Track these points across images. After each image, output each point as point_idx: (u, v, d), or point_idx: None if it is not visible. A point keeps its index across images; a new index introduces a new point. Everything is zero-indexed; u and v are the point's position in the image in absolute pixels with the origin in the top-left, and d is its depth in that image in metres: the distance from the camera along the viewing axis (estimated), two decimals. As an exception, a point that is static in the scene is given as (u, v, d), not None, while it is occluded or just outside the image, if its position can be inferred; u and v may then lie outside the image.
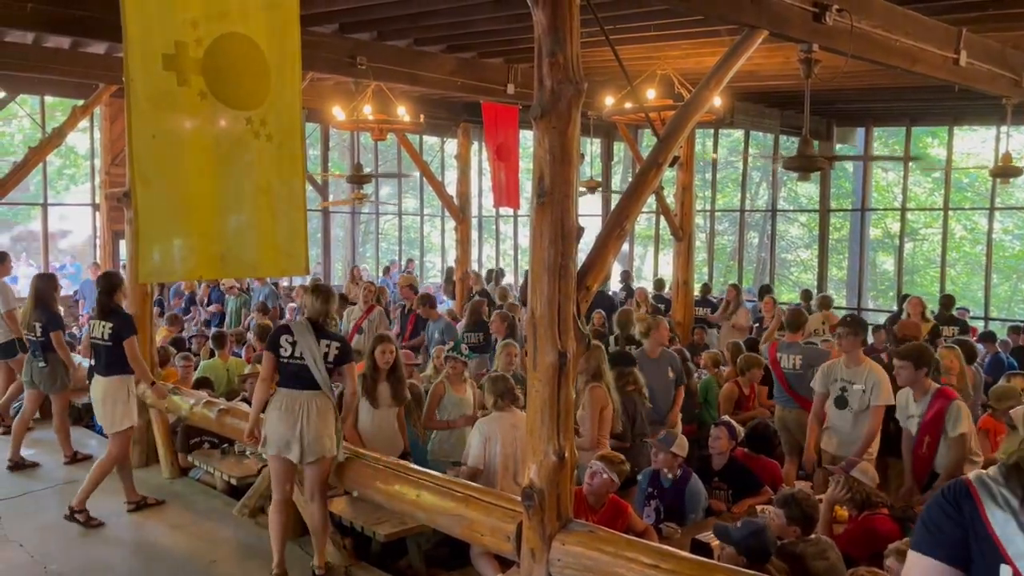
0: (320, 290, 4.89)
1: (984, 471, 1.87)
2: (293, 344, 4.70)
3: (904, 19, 6.13)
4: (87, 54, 9.41)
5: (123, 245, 13.79)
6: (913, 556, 1.91)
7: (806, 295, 13.02)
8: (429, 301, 10.13)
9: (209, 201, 3.60)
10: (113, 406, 5.88)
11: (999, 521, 1.78)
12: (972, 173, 17.95)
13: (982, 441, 5.95)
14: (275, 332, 4.90)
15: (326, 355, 4.72)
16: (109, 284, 6.09)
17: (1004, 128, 9.80)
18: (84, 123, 13.08)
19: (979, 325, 12.82)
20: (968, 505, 1.84)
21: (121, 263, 13.86)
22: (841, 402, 5.75)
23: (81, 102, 10.41)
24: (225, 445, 6.66)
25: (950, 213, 15.42)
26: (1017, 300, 20.88)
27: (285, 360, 4.73)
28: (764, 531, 3.81)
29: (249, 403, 6.59)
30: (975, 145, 20.14)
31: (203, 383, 7.43)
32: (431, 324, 9.67)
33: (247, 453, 6.37)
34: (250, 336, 9.40)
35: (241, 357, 8.70)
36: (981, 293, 15.34)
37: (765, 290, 12.79)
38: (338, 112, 10.55)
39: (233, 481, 6.25)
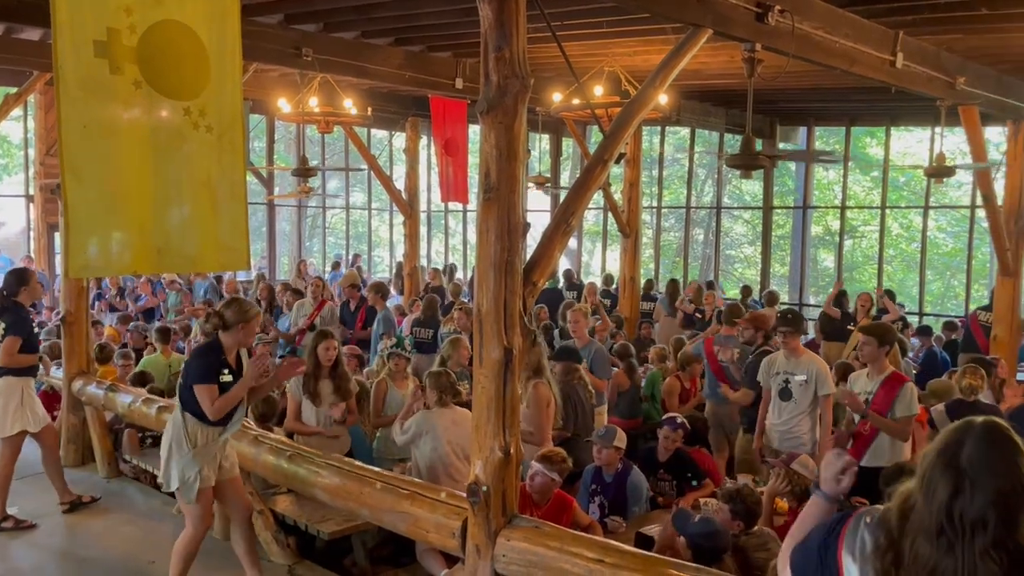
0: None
1: (873, 508, 1.88)
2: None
3: (844, 21, 6.27)
4: (20, 40, 9.09)
5: (58, 238, 13.37)
6: (782, 558, 2.08)
7: (746, 291, 13.31)
8: (381, 290, 10.05)
9: (145, 194, 3.49)
10: (4, 409, 5.57)
11: (847, 566, 1.80)
12: (908, 172, 18.48)
13: (918, 432, 6.14)
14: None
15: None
16: (13, 281, 5.70)
17: (938, 129, 10.09)
18: (17, 111, 12.65)
19: (914, 321, 13.21)
20: (834, 535, 1.86)
21: (57, 256, 13.47)
22: (785, 394, 5.83)
23: (14, 90, 10.06)
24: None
25: (887, 211, 15.85)
26: (950, 296, 21.55)
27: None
28: (719, 535, 3.85)
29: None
30: (911, 145, 20.73)
31: (141, 378, 7.21)
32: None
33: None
34: (196, 331, 9.21)
35: (184, 353, 8.51)
36: (916, 289, 15.80)
37: (708, 286, 12.97)
38: (283, 104, 10.38)
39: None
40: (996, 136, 13.66)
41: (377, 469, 4.70)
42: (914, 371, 8.54)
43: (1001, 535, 1.58)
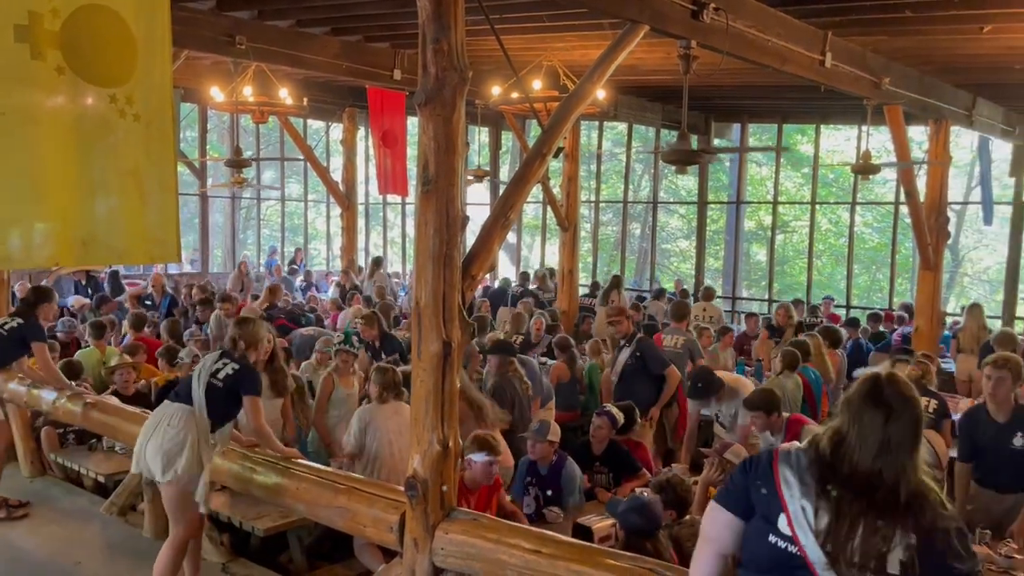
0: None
1: (793, 451, 2.23)
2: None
3: (775, 20, 6.42)
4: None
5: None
6: (711, 506, 2.37)
7: (683, 292, 13.77)
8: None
9: (69, 184, 3.36)
10: None
11: (785, 477, 2.15)
12: (837, 169, 19.00)
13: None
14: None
15: (216, 373, 4.19)
16: None
17: (865, 128, 10.43)
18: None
19: (842, 313, 13.64)
20: (766, 462, 2.22)
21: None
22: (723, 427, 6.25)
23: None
24: (93, 440, 6.31)
25: (817, 207, 16.29)
26: (875, 290, 22.29)
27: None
28: (648, 507, 3.91)
29: (118, 396, 6.30)
30: (840, 143, 21.36)
31: (69, 370, 6.92)
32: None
33: (116, 449, 6.07)
34: (125, 326, 8.94)
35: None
36: (843, 283, 16.29)
37: (615, 281, 13.02)
38: (216, 93, 10.16)
39: (101, 478, 5.94)
40: (919, 135, 14.16)
41: (314, 464, 4.65)
42: (845, 363, 8.82)
43: (917, 448, 2.12)
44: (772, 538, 2.14)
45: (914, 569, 2.01)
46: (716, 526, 2.32)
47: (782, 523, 2.12)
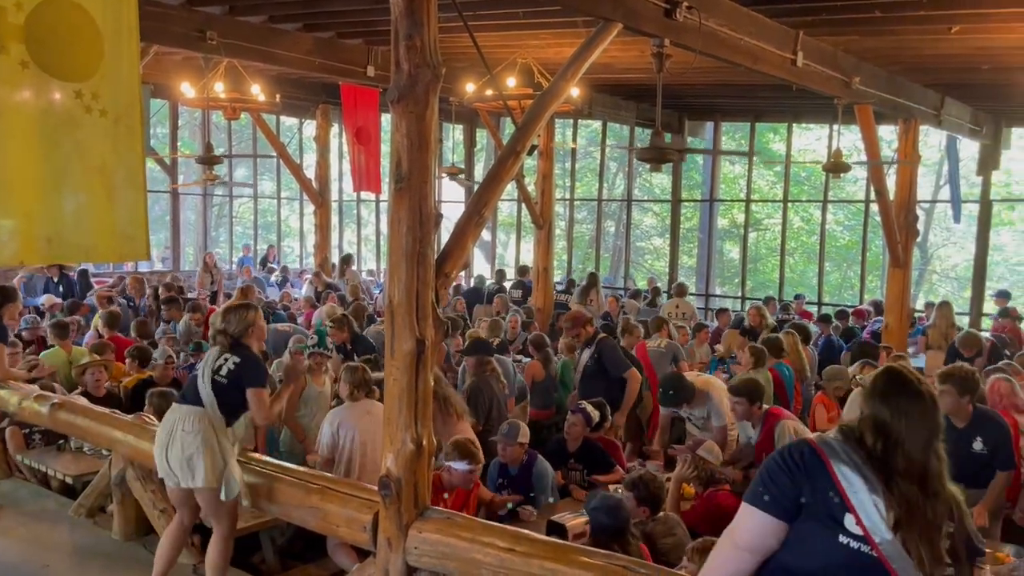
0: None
1: (824, 434, 2.17)
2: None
3: (748, 19, 6.46)
4: None
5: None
6: (745, 508, 2.17)
7: (655, 290, 13.91)
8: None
9: (33, 180, 3.29)
10: None
11: (845, 475, 2.06)
12: (808, 168, 19.18)
13: (820, 415, 6.44)
14: None
15: (218, 369, 4.13)
16: None
17: (836, 127, 10.54)
18: None
19: (813, 310, 13.78)
20: (813, 461, 2.10)
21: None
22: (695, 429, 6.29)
23: None
24: (61, 441, 6.21)
25: (789, 205, 16.45)
26: (847, 287, 22.56)
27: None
28: (614, 507, 3.92)
29: (87, 396, 6.21)
30: (811, 142, 21.57)
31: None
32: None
33: (84, 450, 5.98)
34: (98, 323, 8.79)
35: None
36: (815, 280, 16.46)
37: (591, 279, 13.07)
38: (187, 89, 10.04)
39: (69, 480, 5.84)
40: (889, 134, 14.34)
41: (287, 464, 4.61)
42: (816, 358, 8.93)
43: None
44: (843, 539, 2.05)
45: (954, 555, 2.06)
46: (762, 535, 2.14)
47: (850, 523, 2.04)
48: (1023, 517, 4.94)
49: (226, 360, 4.12)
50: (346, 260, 15.36)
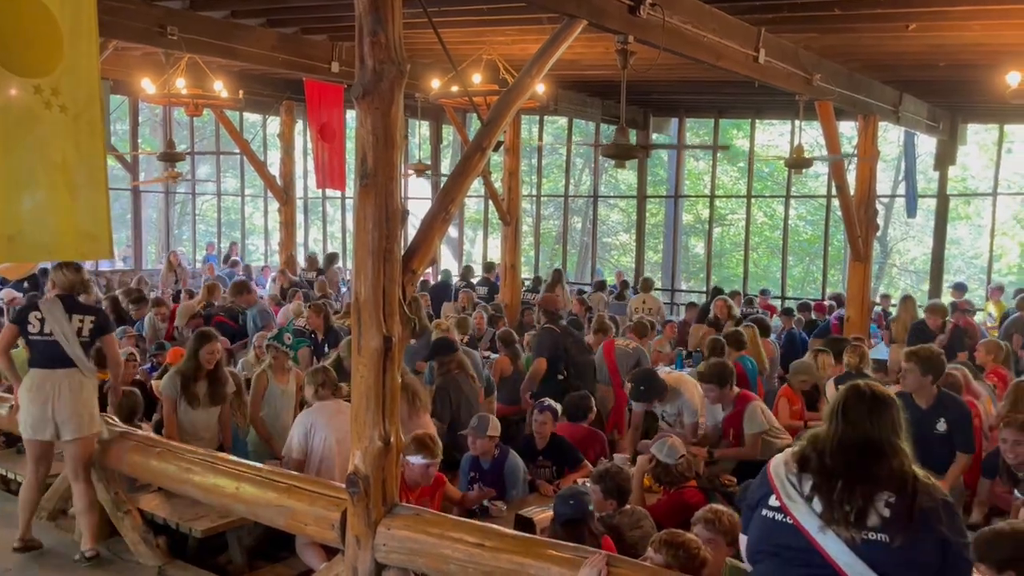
0: (71, 264, 4.81)
1: (784, 454, 2.51)
2: (41, 321, 4.64)
3: (710, 16, 6.53)
4: None
5: None
6: (741, 539, 2.66)
7: (623, 284, 13.95)
8: (244, 288, 9.61)
9: (-8, 177, 3.24)
10: None
11: (775, 469, 2.49)
12: (771, 163, 19.42)
13: (783, 408, 6.54)
14: (23, 308, 4.90)
15: (79, 330, 4.67)
16: None
17: (798, 123, 10.69)
18: None
19: (777, 304, 13.97)
20: (765, 490, 2.49)
21: None
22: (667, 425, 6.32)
23: None
24: (21, 443, 6.09)
25: (752, 200, 16.64)
26: (809, 281, 22.89)
27: (34, 338, 4.66)
28: (574, 496, 3.95)
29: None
30: (774, 138, 21.85)
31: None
32: (248, 311, 9.15)
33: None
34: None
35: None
36: (779, 274, 16.68)
37: (557, 275, 13.12)
38: (148, 85, 9.88)
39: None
40: (849, 130, 14.57)
41: (254, 463, 4.58)
42: (778, 352, 9.06)
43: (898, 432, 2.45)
44: (764, 512, 2.46)
45: (895, 525, 2.28)
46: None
47: (771, 500, 2.45)
48: (981, 510, 4.88)
49: (82, 320, 4.70)
50: (331, 259, 15.29)
